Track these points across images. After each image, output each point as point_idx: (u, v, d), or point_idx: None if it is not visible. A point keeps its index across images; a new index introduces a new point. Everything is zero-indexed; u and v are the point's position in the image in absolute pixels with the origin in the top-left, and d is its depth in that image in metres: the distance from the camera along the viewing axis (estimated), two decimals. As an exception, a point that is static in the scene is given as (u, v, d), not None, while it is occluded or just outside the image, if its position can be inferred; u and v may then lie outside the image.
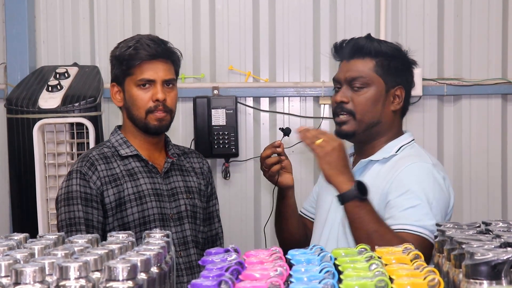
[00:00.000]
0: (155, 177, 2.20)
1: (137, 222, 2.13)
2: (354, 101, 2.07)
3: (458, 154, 3.31)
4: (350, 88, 2.09)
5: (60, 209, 2.15)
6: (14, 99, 2.97)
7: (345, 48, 2.14)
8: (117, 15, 3.39)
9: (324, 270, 1.23)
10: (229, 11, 3.36)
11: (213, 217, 2.39)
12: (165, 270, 1.20)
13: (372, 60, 2.08)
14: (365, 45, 2.09)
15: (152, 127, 2.17)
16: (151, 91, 2.15)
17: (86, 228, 2.09)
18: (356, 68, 2.09)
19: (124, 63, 2.16)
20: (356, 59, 2.10)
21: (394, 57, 2.10)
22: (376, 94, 2.08)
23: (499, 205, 3.32)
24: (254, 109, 3.36)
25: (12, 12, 3.37)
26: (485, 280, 1.09)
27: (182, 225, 2.21)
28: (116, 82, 2.21)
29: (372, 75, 2.07)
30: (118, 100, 2.22)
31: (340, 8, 3.33)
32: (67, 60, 3.37)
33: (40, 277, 1.02)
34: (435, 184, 1.99)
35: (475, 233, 1.33)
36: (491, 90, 3.27)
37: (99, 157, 2.18)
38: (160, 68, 2.18)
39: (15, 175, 3.05)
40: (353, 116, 2.08)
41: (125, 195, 2.14)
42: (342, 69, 2.14)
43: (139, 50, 2.15)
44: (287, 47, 3.34)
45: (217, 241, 2.41)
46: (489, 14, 3.28)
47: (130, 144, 2.21)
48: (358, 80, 2.07)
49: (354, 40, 2.13)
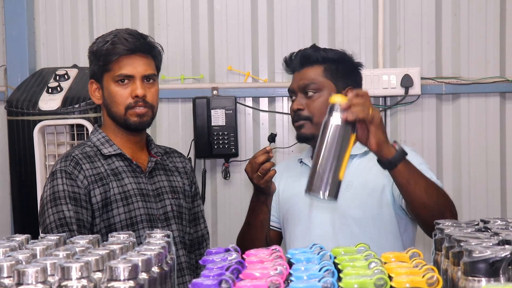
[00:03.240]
0: (139, 177, 2.14)
1: (124, 223, 2.07)
2: (309, 107, 2.20)
3: (457, 152, 3.31)
4: (304, 95, 2.22)
5: (46, 211, 2.04)
6: (14, 101, 2.98)
7: (294, 60, 2.29)
8: (116, 17, 3.40)
9: (323, 269, 1.24)
10: (227, 12, 3.37)
11: (198, 218, 2.34)
12: (166, 270, 1.21)
13: (321, 66, 2.23)
14: (312, 53, 2.25)
15: (132, 124, 2.10)
16: (130, 87, 2.09)
17: (78, 229, 2.00)
18: (307, 76, 2.23)
19: (102, 59, 2.10)
20: (306, 68, 2.25)
21: (340, 61, 2.25)
22: (329, 97, 2.07)
23: (498, 203, 3.32)
24: (253, 109, 3.37)
25: (11, 15, 3.37)
26: (483, 277, 1.10)
27: (169, 225, 2.15)
28: (94, 79, 2.15)
29: (322, 80, 2.21)
30: (97, 97, 2.15)
31: (338, 8, 3.33)
32: (66, 62, 3.37)
33: (42, 277, 1.03)
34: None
35: (473, 231, 1.34)
36: (489, 88, 3.28)
37: (82, 156, 2.10)
38: (139, 63, 2.11)
39: (16, 176, 3.05)
40: (310, 120, 2.20)
41: (111, 194, 2.07)
42: (294, 79, 2.28)
43: (116, 44, 2.09)
44: (285, 47, 3.34)
45: (203, 242, 2.35)
46: (486, 13, 3.28)
47: (112, 143, 2.14)
48: (310, 86, 2.21)
49: (302, 52, 2.29)
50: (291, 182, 2.30)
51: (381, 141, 1.80)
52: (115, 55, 2.09)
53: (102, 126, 2.21)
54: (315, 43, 2.37)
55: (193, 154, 3.30)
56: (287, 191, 2.30)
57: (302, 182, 2.18)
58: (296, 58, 2.28)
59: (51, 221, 2.02)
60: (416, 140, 3.33)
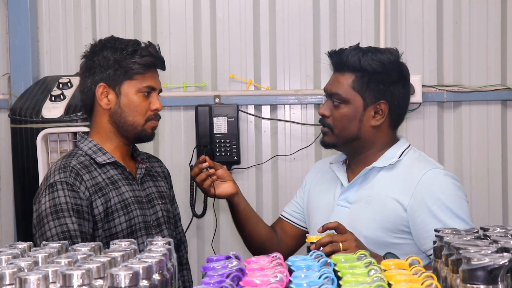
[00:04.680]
0: (133, 184, 2.14)
1: (125, 232, 2.07)
2: (333, 116, 2.11)
3: (458, 160, 3.32)
4: (332, 102, 2.12)
5: (47, 224, 1.99)
6: (18, 109, 2.99)
7: (332, 59, 2.16)
8: (119, 25, 3.41)
9: (323, 276, 1.24)
10: (229, 20, 3.39)
11: (176, 221, 2.35)
12: (166, 277, 1.22)
13: (352, 75, 2.08)
14: (346, 59, 2.08)
15: (147, 135, 2.14)
16: (149, 100, 2.12)
17: (82, 241, 1.93)
18: (336, 83, 2.11)
19: (128, 67, 2.09)
20: (338, 73, 2.11)
21: (375, 72, 2.06)
22: (353, 111, 2.08)
23: (500, 211, 3.32)
24: (255, 117, 3.38)
25: (15, 24, 3.39)
26: (481, 285, 1.10)
27: (161, 231, 2.17)
28: (106, 84, 2.10)
29: (349, 92, 2.07)
30: (106, 102, 2.11)
31: (340, 16, 3.35)
32: (70, 70, 3.39)
33: (43, 285, 1.03)
34: (463, 199, 2.05)
35: (472, 239, 1.35)
36: (490, 96, 3.28)
37: (80, 166, 2.06)
38: (157, 76, 2.18)
39: (19, 184, 3.06)
40: (331, 130, 2.12)
41: (112, 204, 2.06)
42: (330, 80, 2.17)
43: (146, 56, 2.11)
44: (287, 55, 3.36)
45: (181, 245, 2.37)
46: (488, 21, 3.29)
47: (105, 151, 2.12)
48: (336, 96, 2.10)
49: (339, 52, 2.13)
50: (318, 189, 2.28)
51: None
52: (147, 67, 2.11)
53: (92, 132, 2.17)
54: (359, 43, 2.17)
55: (195, 162, 3.30)
56: (313, 197, 2.28)
57: (327, 191, 2.21)
58: (333, 58, 2.14)
59: (53, 234, 1.98)
60: (418, 147, 3.32)
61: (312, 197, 2.28)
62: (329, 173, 2.27)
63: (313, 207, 2.26)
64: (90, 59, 2.15)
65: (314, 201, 2.26)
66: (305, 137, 3.37)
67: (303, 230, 2.33)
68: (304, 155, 3.36)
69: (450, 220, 1.97)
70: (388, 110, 2.10)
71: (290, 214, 2.36)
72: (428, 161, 2.14)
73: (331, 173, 2.25)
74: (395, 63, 2.11)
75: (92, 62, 2.14)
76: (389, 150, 2.14)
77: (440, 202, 2.00)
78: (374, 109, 2.09)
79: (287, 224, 2.35)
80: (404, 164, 2.11)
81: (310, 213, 2.27)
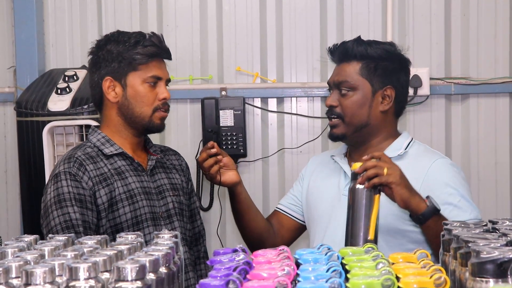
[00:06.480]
0: (141, 175, 2.15)
1: (130, 222, 2.08)
2: (342, 105, 2.15)
3: (466, 153, 3.30)
4: (339, 92, 2.16)
5: (51, 214, 2.02)
6: (23, 102, 2.99)
7: (335, 52, 2.21)
8: (125, 18, 3.41)
9: (331, 269, 1.24)
10: (236, 13, 3.38)
11: (195, 214, 2.36)
12: (173, 270, 1.22)
13: (358, 63, 2.14)
14: (351, 49, 2.15)
15: (156, 126, 2.14)
16: (157, 89, 2.12)
17: (84, 230, 2.00)
18: (343, 72, 2.16)
19: (131, 59, 2.10)
20: (344, 63, 2.17)
21: (381, 58, 2.15)
22: (362, 97, 2.13)
23: (508, 203, 3.31)
24: (262, 110, 3.37)
25: (21, 17, 3.39)
26: (491, 278, 1.09)
27: (172, 223, 2.17)
28: (112, 77, 2.12)
29: (357, 79, 2.14)
30: (114, 95, 2.12)
31: (347, 9, 3.33)
32: (75, 63, 3.39)
33: (50, 278, 1.03)
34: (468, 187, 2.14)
35: (481, 232, 1.34)
36: (498, 88, 3.27)
37: (85, 157, 2.09)
38: (163, 66, 2.18)
39: (25, 177, 3.07)
40: (342, 119, 2.15)
41: (116, 194, 2.07)
42: (333, 73, 2.22)
43: (148, 46, 2.11)
44: (294, 47, 3.35)
45: (200, 238, 2.37)
46: (496, 13, 3.27)
47: (113, 142, 2.14)
48: (344, 84, 2.14)
49: (343, 44, 2.20)
50: (320, 180, 2.28)
51: (405, 198, 1.84)
52: (150, 57, 2.11)
53: (103, 126, 2.20)
54: (360, 36, 2.23)
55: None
56: (314, 188, 2.28)
57: (330, 181, 2.22)
58: (337, 51, 2.20)
59: (57, 223, 2.01)
60: (425, 140, 3.32)
61: (313, 189, 2.29)
62: (330, 165, 2.29)
63: (315, 198, 2.26)
64: (96, 54, 2.17)
65: (316, 192, 2.27)
66: (312, 130, 3.35)
67: (299, 223, 2.35)
68: (310, 148, 3.35)
69: (461, 203, 2.04)
70: (394, 96, 2.15)
71: (287, 206, 2.37)
72: (435, 152, 2.22)
73: (333, 165, 2.27)
74: (396, 52, 2.21)
75: (98, 57, 2.16)
76: (395, 141, 2.18)
77: (449, 187, 2.07)
78: (382, 95, 2.15)
79: (284, 217, 2.36)
80: (411, 155, 2.16)
81: (311, 205, 2.28)
